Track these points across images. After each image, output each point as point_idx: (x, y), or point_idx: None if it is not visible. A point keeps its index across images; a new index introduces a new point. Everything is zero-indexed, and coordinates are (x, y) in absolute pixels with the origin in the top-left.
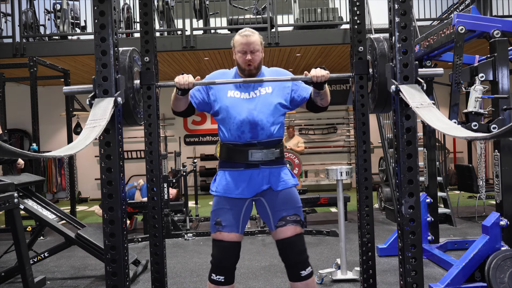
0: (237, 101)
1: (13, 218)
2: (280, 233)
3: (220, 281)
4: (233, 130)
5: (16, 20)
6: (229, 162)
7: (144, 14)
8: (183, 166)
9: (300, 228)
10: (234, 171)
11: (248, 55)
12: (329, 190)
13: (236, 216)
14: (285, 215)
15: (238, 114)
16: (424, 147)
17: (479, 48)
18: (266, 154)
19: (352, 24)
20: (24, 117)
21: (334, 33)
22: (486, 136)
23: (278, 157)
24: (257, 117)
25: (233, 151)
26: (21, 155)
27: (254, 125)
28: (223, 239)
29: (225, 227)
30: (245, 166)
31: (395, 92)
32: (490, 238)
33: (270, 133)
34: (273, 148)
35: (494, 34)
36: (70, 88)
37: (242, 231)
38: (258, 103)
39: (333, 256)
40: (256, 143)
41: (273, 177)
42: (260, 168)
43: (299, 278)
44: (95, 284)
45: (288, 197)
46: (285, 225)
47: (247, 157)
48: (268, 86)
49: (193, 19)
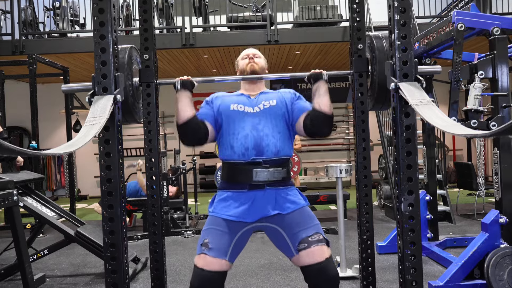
0: (240, 114)
1: (12, 215)
2: (305, 257)
3: None
4: (236, 147)
5: (15, 17)
6: (231, 183)
7: (143, 11)
8: (182, 163)
9: (327, 248)
10: (236, 193)
11: (250, 56)
12: (329, 188)
13: (227, 240)
14: (305, 236)
15: (242, 128)
16: (424, 145)
17: (478, 46)
18: (272, 174)
19: (352, 21)
20: (23, 114)
21: (333, 30)
22: (486, 133)
23: (285, 177)
24: (262, 132)
25: (235, 170)
26: (21, 152)
27: (259, 141)
28: (204, 267)
29: (212, 250)
30: (249, 187)
31: (394, 89)
32: (489, 235)
33: (276, 150)
34: (280, 167)
35: (494, 32)
36: (69, 86)
37: (232, 259)
38: (263, 117)
39: (332, 254)
40: (261, 161)
41: (281, 199)
42: (265, 189)
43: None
44: (94, 281)
45: (303, 217)
46: (309, 246)
47: (251, 177)
48: (272, 99)
49: (192, 17)
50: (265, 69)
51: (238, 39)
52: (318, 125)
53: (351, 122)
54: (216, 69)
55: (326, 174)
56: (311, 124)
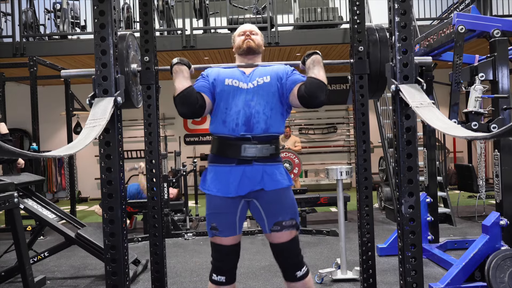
0: (234, 89)
1: (13, 217)
2: (274, 237)
3: (221, 281)
4: (227, 122)
5: (16, 19)
6: (220, 156)
7: (144, 13)
8: (183, 165)
9: (295, 232)
10: (225, 167)
11: (246, 33)
12: (329, 190)
13: (231, 219)
14: (281, 220)
15: (235, 104)
16: (424, 147)
17: (479, 48)
18: (260, 150)
19: (352, 23)
20: (24, 116)
21: (334, 32)
22: (486, 135)
23: (273, 154)
24: (254, 109)
25: (224, 145)
26: (21, 154)
27: (249, 117)
28: (221, 243)
29: (222, 231)
30: (237, 162)
31: (395, 91)
32: (490, 237)
33: (266, 127)
34: (268, 144)
35: (494, 34)
36: (69, 72)
37: (240, 231)
38: (256, 94)
39: (333, 256)
40: (250, 137)
41: (266, 175)
42: (253, 164)
43: (296, 279)
44: (95, 283)
45: (284, 200)
46: (281, 230)
47: (240, 152)
48: (266, 76)
49: (193, 19)
50: (261, 45)
51: None
52: (313, 92)
53: (351, 124)
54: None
55: (327, 176)
56: (306, 92)
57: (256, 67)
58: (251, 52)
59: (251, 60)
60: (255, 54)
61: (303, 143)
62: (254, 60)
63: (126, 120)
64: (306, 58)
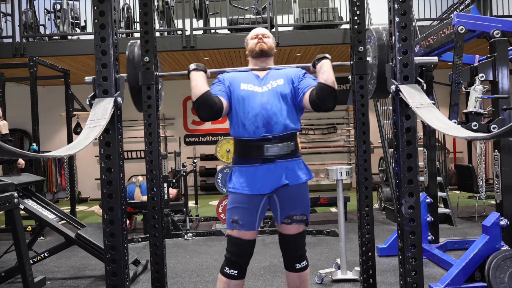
0: (250, 94)
1: (13, 218)
2: (284, 229)
3: (233, 275)
4: (247, 125)
5: (16, 20)
6: (245, 158)
7: (144, 14)
8: (183, 166)
9: (304, 227)
10: (250, 167)
11: (259, 36)
12: (329, 190)
13: (253, 214)
14: (293, 214)
15: (252, 108)
16: (424, 147)
17: (479, 48)
18: (281, 148)
19: (352, 24)
20: (24, 117)
21: (334, 33)
22: (486, 136)
23: (294, 150)
24: (271, 111)
25: (247, 147)
26: (21, 155)
27: (268, 120)
28: (240, 237)
29: (243, 225)
30: (262, 162)
31: (395, 92)
32: (490, 238)
33: (284, 126)
34: (289, 141)
35: (494, 34)
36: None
37: (257, 228)
38: (271, 97)
39: (333, 256)
40: (271, 137)
41: (289, 171)
42: (276, 162)
43: (294, 270)
44: (95, 284)
45: (299, 195)
46: (291, 223)
47: (263, 152)
48: (280, 79)
49: (193, 19)
50: (273, 48)
51: (239, 41)
52: (323, 98)
53: (351, 124)
54: None
55: (327, 176)
56: (317, 97)
57: (270, 70)
58: (264, 55)
59: (264, 63)
60: (267, 56)
61: (303, 144)
62: (267, 62)
63: (126, 120)
64: (316, 62)
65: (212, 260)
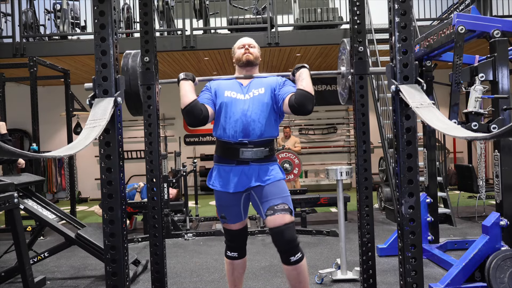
0: (233, 100)
1: (13, 218)
2: (269, 222)
3: (234, 256)
4: (227, 129)
5: (16, 20)
6: (223, 157)
7: (144, 14)
8: (183, 166)
9: (290, 217)
10: (227, 167)
11: (245, 47)
12: (329, 190)
13: (236, 209)
14: (273, 205)
15: (233, 114)
16: (424, 147)
17: (479, 48)
18: (255, 153)
19: (352, 24)
20: (24, 117)
21: (334, 33)
22: (486, 136)
23: (267, 155)
24: (250, 118)
25: (226, 148)
26: (21, 155)
27: (246, 126)
28: (230, 228)
29: (230, 219)
30: (236, 163)
31: (395, 92)
32: (490, 238)
33: (261, 133)
34: (263, 147)
35: (494, 34)
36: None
37: (245, 217)
38: (251, 104)
39: (333, 256)
40: (247, 142)
41: (262, 172)
42: (250, 164)
43: (289, 263)
44: (95, 284)
45: (275, 188)
46: (273, 214)
47: (238, 155)
48: (261, 87)
49: (193, 19)
50: (258, 57)
51: None
52: (301, 103)
53: (351, 124)
54: (216, 71)
55: (327, 177)
56: (295, 102)
57: (253, 79)
58: (250, 65)
59: (249, 72)
60: (253, 66)
61: (303, 144)
62: (252, 71)
63: (126, 120)
64: (295, 71)
65: (212, 260)
